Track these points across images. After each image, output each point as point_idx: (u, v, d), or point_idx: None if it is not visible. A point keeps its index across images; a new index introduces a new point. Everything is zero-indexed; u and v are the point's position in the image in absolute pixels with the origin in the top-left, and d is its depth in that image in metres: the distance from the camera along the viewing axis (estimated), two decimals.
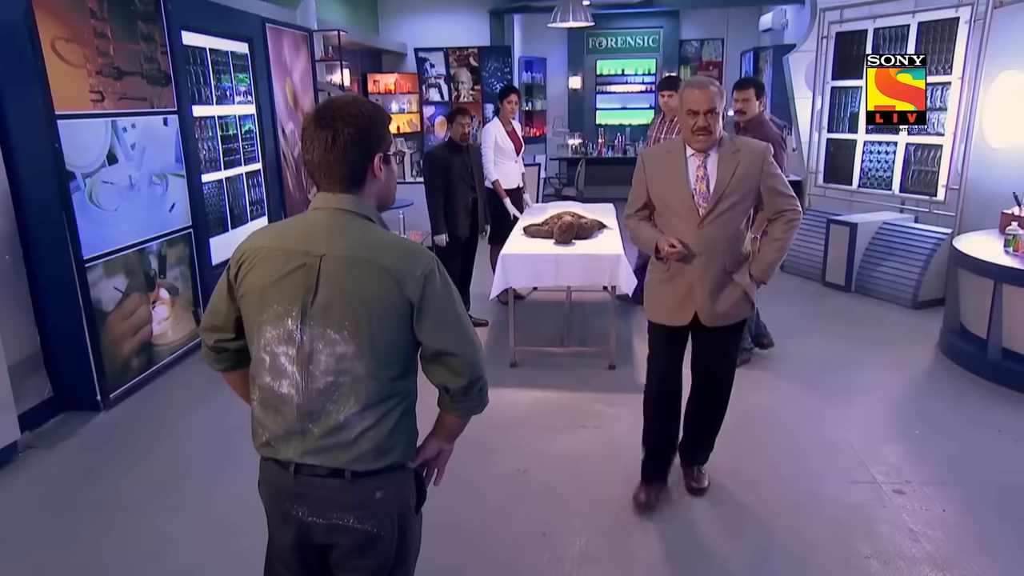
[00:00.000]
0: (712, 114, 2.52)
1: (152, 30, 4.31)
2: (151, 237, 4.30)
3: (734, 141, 2.64)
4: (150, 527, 2.84)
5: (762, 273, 2.74)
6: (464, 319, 1.49)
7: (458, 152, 4.82)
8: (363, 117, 1.42)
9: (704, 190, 2.59)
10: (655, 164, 2.72)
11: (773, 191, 2.64)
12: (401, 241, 1.49)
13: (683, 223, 2.62)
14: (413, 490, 1.59)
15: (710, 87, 2.54)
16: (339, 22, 8.30)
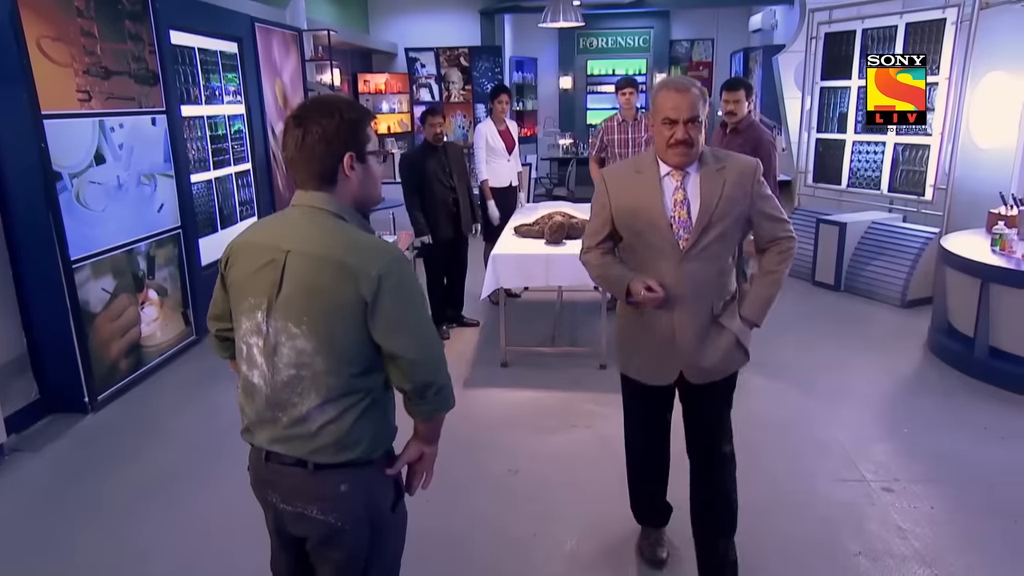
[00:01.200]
0: (694, 124, 2.04)
1: (140, 29, 4.29)
2: (139, 238, 4.28)
3: (717, 156, 2.16)
4: (137, 529, 2.82)
5: (755, 314, 2.24)
6: (421, 322, 1.47)
7: (433, 153, 4.80)
8: (333, 117, 1.44)
9: (684, 217, 2.11)
10: (621, 186, 2.20)
11: (765, 216, 2.18)
12: (367, 240, 1.47)
13: (660, 258, 2.13)
14: (387, 489, 1.58)
15: (691, 90, 2.05)
16: (329, 22, 8.27)
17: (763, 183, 2.16)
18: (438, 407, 1.55)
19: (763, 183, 2.16)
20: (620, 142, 5.23)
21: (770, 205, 2.19)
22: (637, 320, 2.24)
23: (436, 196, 4.77)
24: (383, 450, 1.55)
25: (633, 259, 2.22)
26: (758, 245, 2.25)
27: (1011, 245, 4.07)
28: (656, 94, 2.10)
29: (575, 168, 10.32)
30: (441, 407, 1.56)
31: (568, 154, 10.96)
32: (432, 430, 1.63)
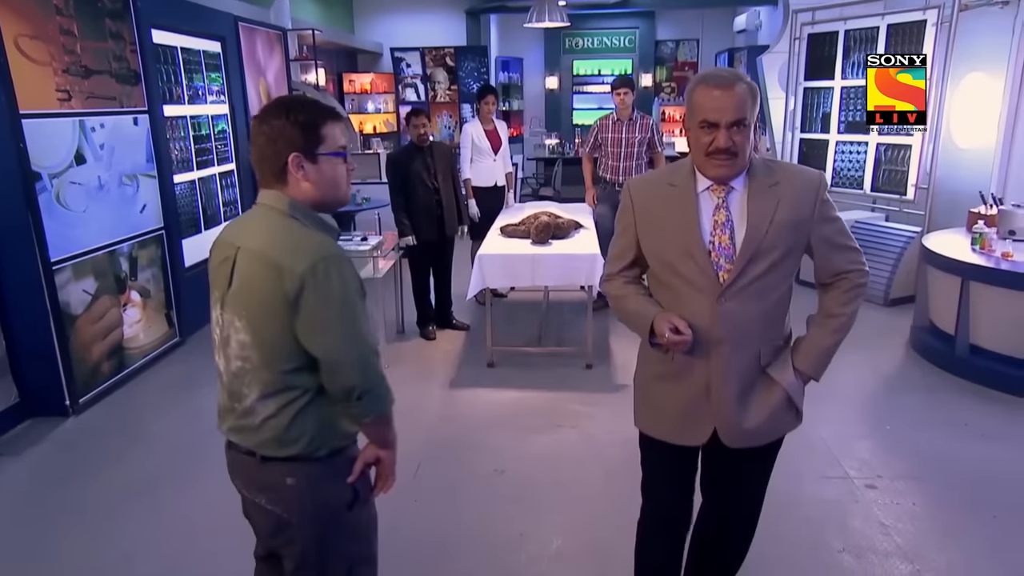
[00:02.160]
0: (740, 128, 1.63)
1: (121, 28, 4.24)
2: (121, 239, 4.23)
3: (770, 167, 1.74)
4: (121, 532, 2.80)
5: (812, 366, 1.82)
6: (345, 324, 1.45)
7: (418, 153, 4.78)
8: (280, 117, 1.48)
9: (727, 243, 1.70)
10: (650, 201, 1.80)
11: (830, 244, 1.76)
12: (302, 238, 1.48)
13: (694, 293, 1.73)
14: (341, 488, 1.58)
15: (736, 85, 1.63)
16: (314, 21, 8.23)
17: (828, 203, 1.74)
18: (365, 411, 1.53)
19: (828, 203, 1.74)
20: (614, 141, 5.25)
21: (836, 230, 1.76)
22: (662, 366, 1.82)
23: (420, 197, 4.76)
24: (327, 449, 1.54)
25: (662, 293, 1.81)
26: (819, 278, 1.83)
27: (991, 244, 4.12)
28: (692, 91, 1.69)
29: (561, 168, 10.33)
30: (369, 411, 1.53)
31: (554, 154, 10.97)
32: (375, 434, 1.61)
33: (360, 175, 7.01)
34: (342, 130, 1.54)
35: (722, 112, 1.61)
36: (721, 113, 1.61)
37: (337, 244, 1.52)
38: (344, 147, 1.54)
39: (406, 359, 4.66)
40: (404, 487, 3.09)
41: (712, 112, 1.62)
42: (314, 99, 1.60)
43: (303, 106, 1.51)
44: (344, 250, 1.53)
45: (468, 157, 5.48)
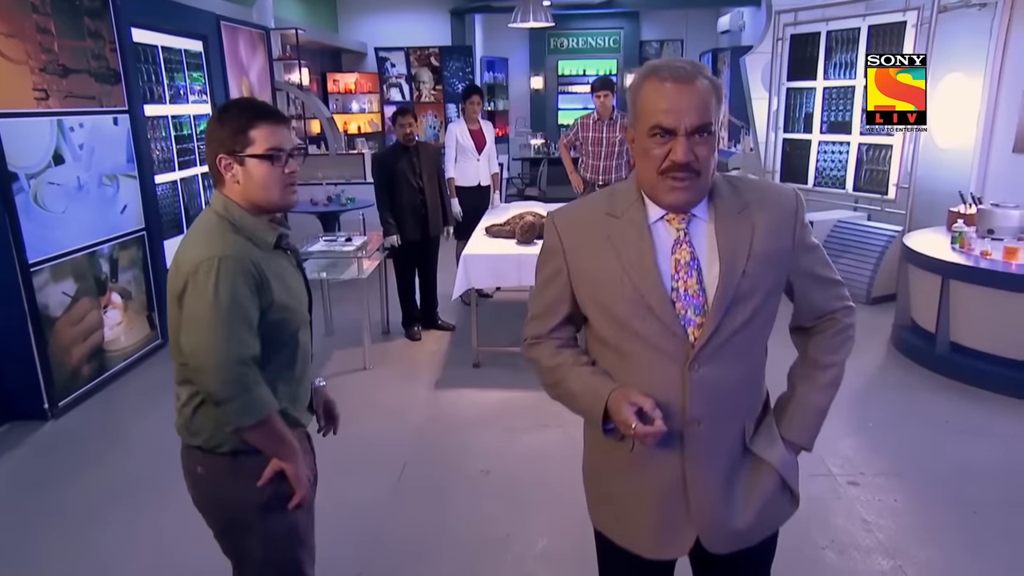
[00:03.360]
0: (704, 136, 1.23)
1: (99, 26, 4.19)
2: (102, 240, 4.18)
3: (735, 186, 1.36)
4: (100, 538, 2.76)
5: (807, 434, 1.47)
6: (213, 328, 1.41)
7: (404, 153, 4.76)
8: (214, 119, 1.52)
9: (695, 289, 1.30)
10: (585, 239, 1.36)
11: (813, 278, 1.41)
12: (204, 238, 1.49)
13: (657, 359, 1.32)
14: (251, 487, 1.55)
15: (697, 79, 1.23)
16: (297, 21, 8.18)
17: (807, 227, 1.39)
18: (226, 420, 1.48)
19: (807, 227, 1.39)
20: (593, 140, 5.27)
21: (818, 260, 1.41)
22: (617, 454, 1.39)
23: (404, 197, 4.74)
24: (229, 447, 1.54)
25: (610, 359, 1.37)
26: (799, 321, 1.48)
27: (970, 243, 4.17)
28: (639, 86, 1.26)
29: (547, 168, 10.35)
30: (229, 421, 1.48)
31: (539, 154, 10.99)
32: (258, 445, 1.53)
33: (344, 175, 6.98)
34: (274, 132, 1.50)
35: (680, 114, 1.20)
36: (679, 116, 1.20)
37: (247, 248, 1.48)
38: (275, 149, 1.50)
39: (391, 360, 4.64)
40: (389, 488, 3.09)
41: (666, 115, 1.21)
42: (251, 100, 1.59)
43: (234, 107, 1.53)
44: (256, 255, 1.49)
45: (452, 156, 5.49)
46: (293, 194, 1.57)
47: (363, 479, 3.10)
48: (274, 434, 1.53)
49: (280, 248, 1.60)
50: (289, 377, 1.61)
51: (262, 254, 1.52)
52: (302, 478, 1.59)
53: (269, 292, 1.50)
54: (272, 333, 1.52)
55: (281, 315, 1.53)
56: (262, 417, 1.48)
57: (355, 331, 4.57)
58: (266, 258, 1.52)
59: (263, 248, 1.53)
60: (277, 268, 1.55)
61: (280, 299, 1.52)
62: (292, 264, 1.65)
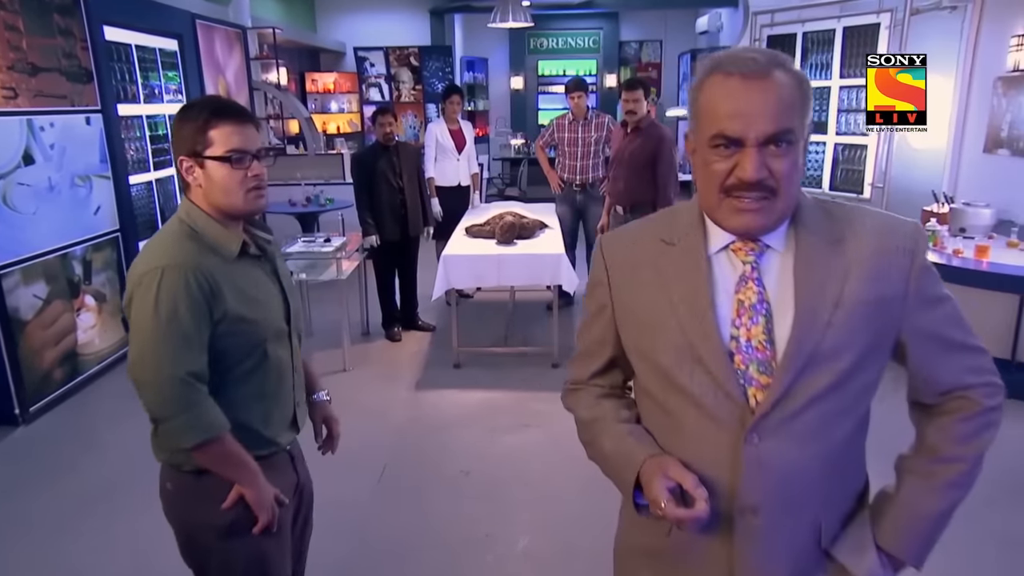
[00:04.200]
0: (782, 147, 0.97)
1: (70, 24, 4.11)
2: (74, 241, 4.10)
3: (828, 212, 1.07)
4: (73, 547, 2.71)
5: (912, 547, 1.14)
6: (151, 342, 1.35)
7: (384, 153, 4.74)
8: (177, 118, 1.44)
9: (761, 340, 1.03)
10: (635, 269, 1.12)
11: (937, 342, 1.08)
12: (156, 246, 1.43)
13: (706, 424, 1.06)
14: (211, 509, 1.47)
15: (774, 73, 0.97)
16: (274, 20, 8.10)
17: (931, 271, 1.06)
18: (166, 440, 1.42)
19: (931, 271, 1.06)
20: (569, 140, 5.28)
21: (946, 318, 1.08)
22: (658, 543, 1.14)
23: (383, 197, 4.72)
24: (190, 466, 1.47)
25: (656, 416, 1.13)
26: (918, 396, 1.15)
27: (943, 241, 4.23)
28: (701, 84, 1.00)
29: (527, 168, 10.35)
30: (168, 442, 1.42)
31: (520, 154, 10.99)
32: (208, 464, 1.45)
33: (324, 175, 6.93)
34: (236, 131, 1.41)
35: (749, 119, 0.95)
36: (747, 121, 0.95)
37: (202, 257, 1.40)
38: (236, 150, 1.41)
39: (371, 361, 4.61)
40: (370, 489, 3.07)
41: (732, 120, 0.96)
42: (214, 98, 1.52)
43: (195, 106, 1.44)
44: (212, 264, 1.41)
45: (432, 156, 5.48)
46: (259, 199, 1.46)
47: (343, 480, 3.07)
48: (225, 456, 1.43)
49: (251, 256, 1.51)
50: (259, 394, 1.50)
51: (222, 263, 1.43)
52: (264, 503, 1.48)
53: (222, 304, 1.40)
54: (229, 347, 1.43)
55: (237, 328, 1.43)
56: (205, 438, 1.38)
57: (335, 332, 4.54)
58: (227, 267, 1.44)
59: (225, 257, 1.44)
60: (241, 278, 1.46)
61: (236, 311, 1.42)
62: (265, 272, 1.55)
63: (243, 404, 1.48)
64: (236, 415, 1.45)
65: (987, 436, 1.10)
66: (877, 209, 1.08)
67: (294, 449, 1.65)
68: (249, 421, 1.49)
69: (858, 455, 1.15)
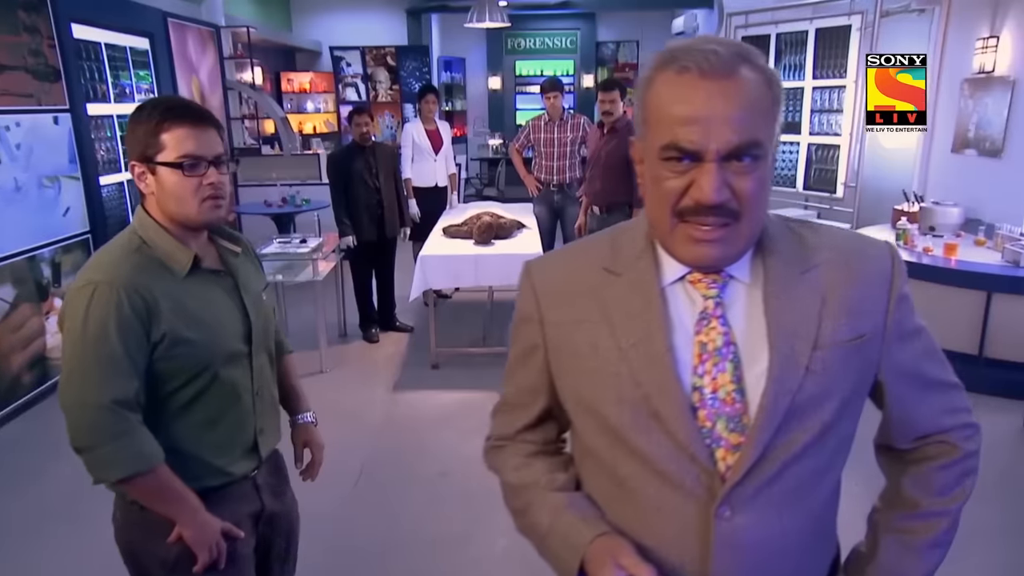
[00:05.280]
0: (748, 162, 0.79)
1: (37, 21, 4.03)
2: (43, 244, 4.02)
3: (799, 236, 0.92)
4: (40, 555, 2.66)
5: None
6: (71, 365, 1.25)
7: (360, 153, 4.72)
8: (128, 119, 1.34)
9: (729, 391, 0.85)
10: (571, 303, 0.93)
11: (913, 378, 0.95)
12: (101, 256, 1.35)
13: (666, 494, 0.87)
14: (154, 543, 1.37)
15: (739, 71, 0.78)
16: (248, 19, 8.01)
17: (908, 300, 0.93)
18: (89, 471, 1.29)
19: (908, 300, 0.93)
20: (546, 141, 5.29)
21: (923, 353, 0.95)
22: None
23: (360, 197, 4.69)
24: (130, 498, 1.37)
25: (602, 482, 0.95)
26: (890, 439, 1.01)
27: (913, 239, 4.31)
28: (648, 81, 0.84)
29: (505, 168, 10.36)
30: (91, 473, 1.28)
31: (498, 154, 10.99)
32: (139, 498, 1.34)
33: (299, 176, 6.87)
34: (190, 135, 1.29)
35: (710, 128, 0.78)
36: (707, 130, 0.78)
37: (144, 272, 1.30)
38: (189, 156, 1.29)
39: (349, 362, 4.58)
40: (347, 491, 3.04)
41: (688, 128, 0.78)
42: (169, 99, 1.42)
43: (147, 107, 1.33)
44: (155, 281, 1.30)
45: (409, 156, 5.45)
46: (215, 209, 1.34)
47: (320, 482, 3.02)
48: (158, 491, 1.32)
49: (208, 271, 1.40)
50: (207, 421, 1.38)
51: (171, 280, 1.33)
52: (202, 541, 1.35)
53: (160, 325, 1.28)
54: (169, 371, 1.32)
55: (178, 351, 1.31)
56: (131, 473, 1.26)
57: (311, 334, 4.49)
58: (173, 285, 1.33)
59: (175, 273, 1.34)
60: (190, 296, 1.35)
61: (176, 333, 1.30)
62: (224, 289, 1.42)
63: (188, 432, 1.37)
64: (180, 444, 1.35)
65: (968, 484, 0.99)
66: (846, 229, 0.93)
67: (260, 477, 1.51)
68: (196, 450, 1.38)
69: (834, 517, 0.99)
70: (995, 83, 4.52)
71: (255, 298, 1.48)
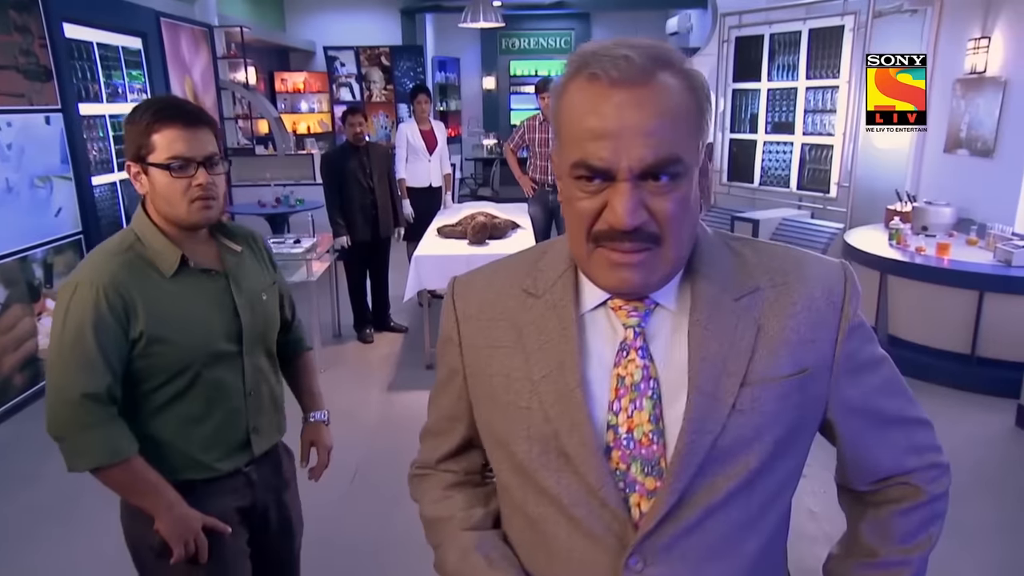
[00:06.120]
0: (666, 182, 0.71)
1: (27, 21, 4.01)
2: (34, 244, 4.00)
3: (740, 256, 0.83)
4: (34, 558, 2.64)
5: None
6: (52, 359, 1.30)
7: (354, 153, 4.71)
8: (125, 120, 1.37)
9: (646, 431, 0.77)
10: (488, 328, 0.86)
11: (869, 416, 0.87)
12: (89, 256, 1.39)
13: (577, 541, 0.80)
14: (147, 528, 1.39)
15: (655, 77, 0.70)
16: (242, 18, 7.99)
17: (863, 328, 0.85)
18: (65, 462, 1.34)
19: (863, 328, 0.85)
20: (540, 141, 5.29)
21: (882, 387, 0.89)
22: None
23: (354, 197, 4.68)
24: None
25: (517, 521, 0.87)
26: (849, 479, 0.94)
27: (906, 239, 4.33)
28: (561, 88, 0.76)
29: (499, 168, 10.35)
30: (66, 462, 1.33)
31: (492, 154, 10.99)
32: (114, 489, 1.38)
33: (293, 176, 6.86)
34: (180, 137, 1.31)
35: (620, 144, 0.70)
36: (618, 147, 0.70)
37: (126, 271, 1.32)
38: (177, 157, 1.31)
39: (343, 363, 4.57)
40: (342, 491, 3.03)
41: (597, 144, 0.71)
42: (161, 99, 1.43)
43: (141, 107, 1.35)
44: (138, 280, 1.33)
45: (403, 157, 5.45)
46: (204, 210, 1.35)
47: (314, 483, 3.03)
48: (130, 484, 1.36)
49: (199, 271, 1.40)
50: (191, 417, 1.40)
51: (155, 279, 1.35)
52: (176, 533, 1.37)
53: (137, 324, 1.31)
54: (148, 369, 1.35)
55: (155, 349, 1.33)
56: (99, 463, 1.31)
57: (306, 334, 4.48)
58: (158, 284, 1.35)
59: (162, 271, 1.36)
60: (174, 296, 1.36)
61: (152, 332, 1.32)
62: (217, 288, 1.42)
63: (170, 427, 1.39)
64: (162, 437, 1.38)
65: (934, 531, 0.90)
66: (799, 249, 0.85)
67: (255, 473, 1.52)
68: (178, 445, 1.40)
69: (777, 564, 0.88)
70: (987, 83, 4.54)
71: (251, 297, 1.47)
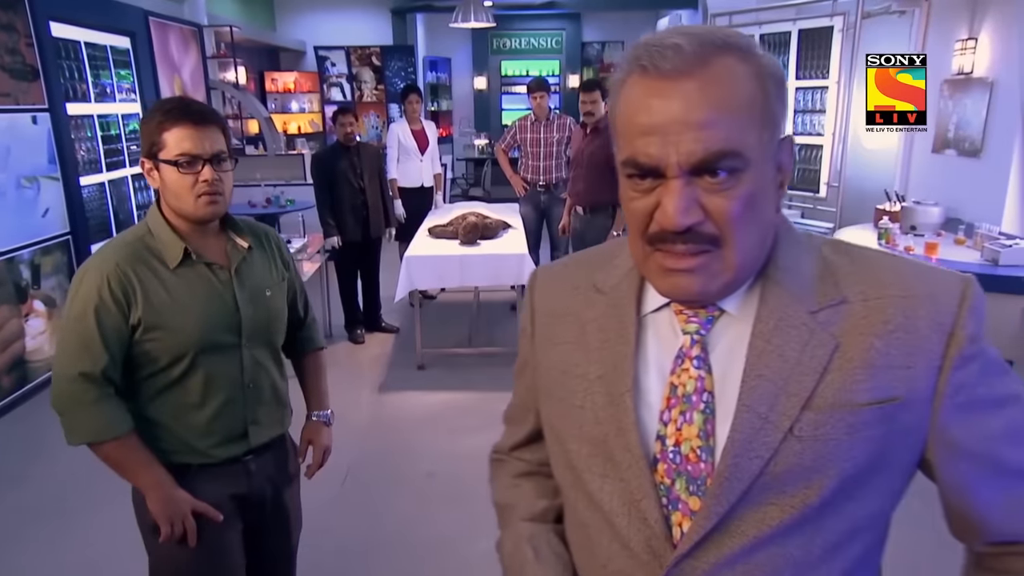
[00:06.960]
0: (722, 177, 0.64)
1: (13, 19, 3.97)
2: (21, 245, 3.97)
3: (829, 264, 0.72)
4: (21, 560, 2.62)
5: None
6: (61, 337, 1.42)
7: (345, 153, 4.70)
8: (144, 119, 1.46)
9: (695, 445, 0.71)
10: (557, 320, 0.83)
11: (986, 463, 0.70)
12: (103, 246, 1.47)
13: (616, 550, 0.75)
14: (146, 509, 1.48)
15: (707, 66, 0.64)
16: (232, 18, 7.95)
17: (984, 355, 0.69)
18: (65, 435, 1.43)
19: (984, 355, 0.69)
20: (532, 141, 5.29)
21: (1004, 429, 0.70)
22: None
23: (345, 197, 4.67)
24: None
25: (571, 524, 0.84)
26: (958, 536, 0.78)
27: (895, 238, 4.36)
28: (620, 85, 0.69)
29: (491, 168, 10.36)
30: (65, 435, 1.43)
31: (484, 154, 10.99)
32: (108, 464, 1.46)
33: (284, 176, 6.83)
34: (188, 135, 1.38)
35: (667, 138, 0.64)
36: (665, 141, 0.65)
37: (133, 259, 1.41)
38: (185, 154, 1.38)
39: (334, 363, 4.55)
40: (333, 492, 3.03)
41: (645, 140, 0.66)
42: (173, 100, 1.48)
43: (155, 107, 1.44)
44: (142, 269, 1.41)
45: (394, 157, 5.44)
46: (210, 205, 1.42)
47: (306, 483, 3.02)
48: (121, 461, 1.45)
49: (202, 263, 1.47)
50: (188, 404, 1.47)
51: (159, 269, 1.43)
52: (164, 513, 1.44)
53: (136, 310, 1.39)
54: (146, 354, 1.43)
55: (151, 336, 1.41)
56: (90, 439, 1.41)
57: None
58: (162, 274, 1.43)
59: (167, 263, 1.44)
60: (176, 286, 1.43)
61: (150, 320, 1.40)
62: (219, 281, 1.48)
63: (167, 411, 1.47)
64: (159, 419, 1.47)
65: None
66: (916, 260, 0.74)
67: (254, 464, 1.58)
68: (175, 428, 1.48)
69: None
70: (974, 84, 4.57)
71: (254, 292, 1.53)
